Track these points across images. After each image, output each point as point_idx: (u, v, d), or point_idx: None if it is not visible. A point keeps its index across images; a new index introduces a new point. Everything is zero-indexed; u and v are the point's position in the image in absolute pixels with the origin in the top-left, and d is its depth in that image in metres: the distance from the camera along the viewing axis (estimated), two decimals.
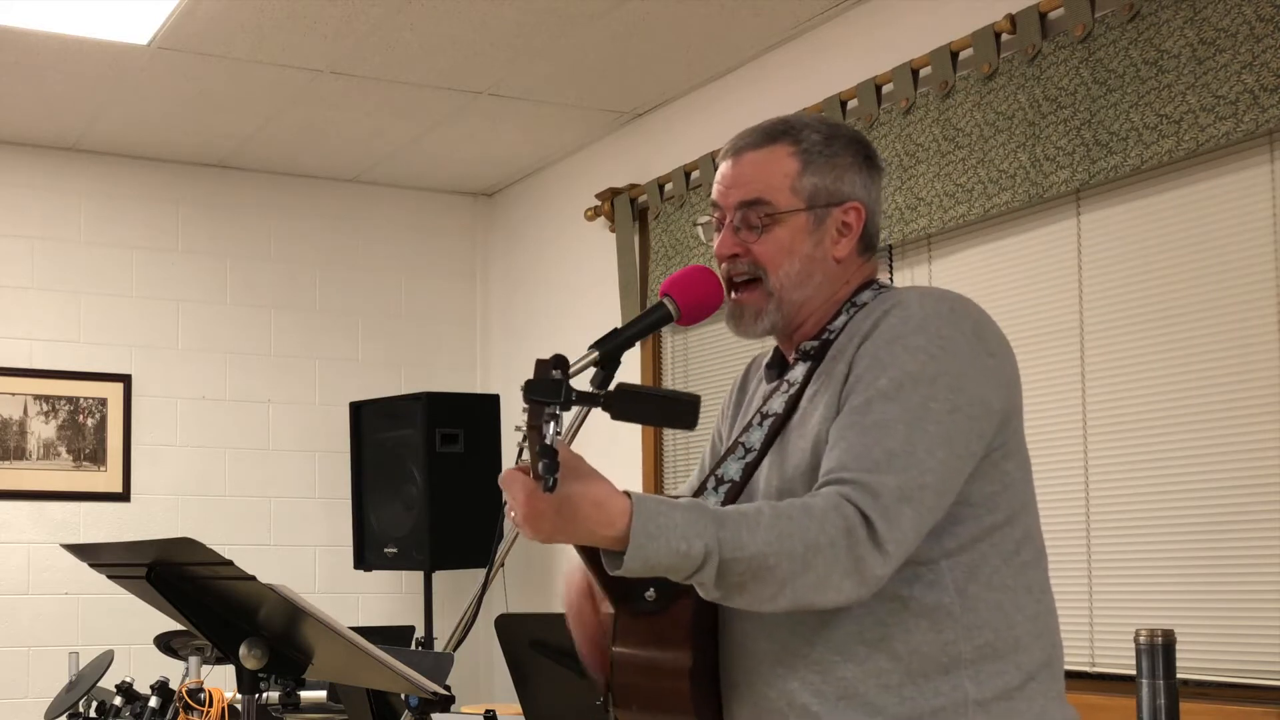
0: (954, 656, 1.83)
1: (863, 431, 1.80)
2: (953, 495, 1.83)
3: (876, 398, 1.82)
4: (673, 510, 1.70)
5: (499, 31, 4.66)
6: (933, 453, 1.79)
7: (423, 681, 2.38)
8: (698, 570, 1.70)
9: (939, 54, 4.03)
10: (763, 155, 1.99)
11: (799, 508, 1.74)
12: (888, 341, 1.85)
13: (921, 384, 1.81)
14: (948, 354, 1.84)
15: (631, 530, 1.68)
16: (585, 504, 1.69)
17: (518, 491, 1.70)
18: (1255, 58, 3.24)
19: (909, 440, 1.78)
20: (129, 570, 2.48)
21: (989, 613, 1.85)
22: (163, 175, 6.09)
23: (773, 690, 1.88)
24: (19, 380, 5.80)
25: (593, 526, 1.69)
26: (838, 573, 1.72)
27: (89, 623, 5.70)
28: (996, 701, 1.84)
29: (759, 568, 1.70)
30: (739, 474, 1.96)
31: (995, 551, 1.87)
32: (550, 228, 6.16)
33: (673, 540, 1.68)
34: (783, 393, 1.98)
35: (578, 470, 1.70)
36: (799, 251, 1.97)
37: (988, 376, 1.86)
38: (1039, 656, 1.90)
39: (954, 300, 1.91)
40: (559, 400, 1.64)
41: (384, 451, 5.87)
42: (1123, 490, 3.61)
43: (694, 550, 1.69)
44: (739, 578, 1.71)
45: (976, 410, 1.84)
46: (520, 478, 1.70)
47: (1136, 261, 3.60)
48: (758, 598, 1.74)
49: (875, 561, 1.74)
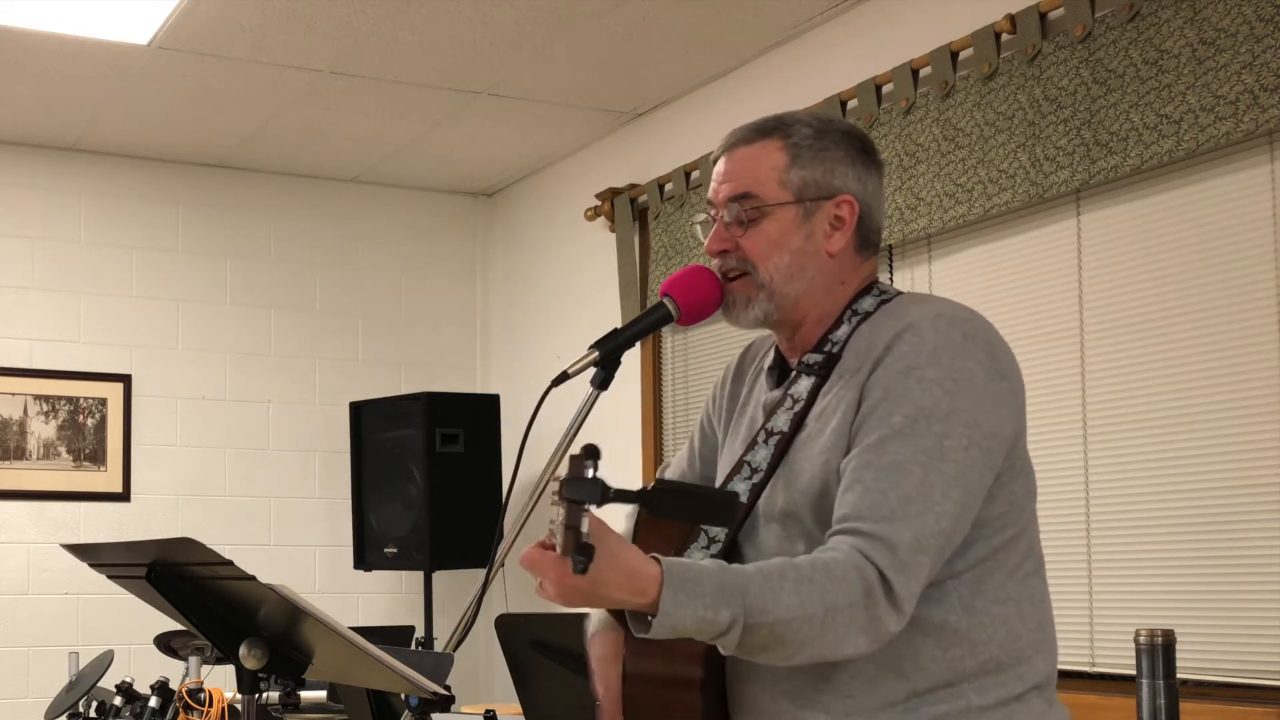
0: (959, 672, 1.84)
1: (877, 473, 1.79)
2: (965, 531, 1.83)
3: (891, 436, 1.80)
4: (701, 576, 1.71)
5: (499, 31, 4.66)
6: (948, 495, 1.78)
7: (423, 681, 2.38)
8: (722, 635, 1.72)
9: (939, 54, 4.03)
10: (753, 150, 1.98)
11: (821, 569, 1.74)
12: (901, 374, 1.83)
13: (935, 420, 1.80)
14: (961, 387, 1.82)
15: (661, 600, 1.68)
16: (617, 576, 1.69)
17: (548, 572, 1.69)
18: (1255, 58, 3.24)
19: (924, 483, 1.78)
20: (129, 570, 2.47)
21: (994, 628, 1.86)
22: (163, 175, 6.09)
23: (779, 707, 1.89)
24: (19, 380, 5.80)
25: (624, 595, 1.70)
26: (854, 630, 1.74)
27: (89, 623, 5.70)
28: (996, 708, 1.85)
29: (782, 632, 1.72)
30: (746, 494, 1.95)
31: (1000, 567, 1.88)
32: (550, 228, 6.16)
33: (701, 609, 1.69)
34: (787, 409, 1.96)
35: (605, 540, 1.68)
36: (788, 245, 1.95)
37: (1000, 404, 1.85)
38: (1041, 667, 1.90)
39: (965, 325, 1.87)
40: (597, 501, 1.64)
41: (384, 451, 5.87)
42: (1123, 490, 3.61)
43: (720, 619, 1.70)
44: (761, 641, 1.73)
45: (991, 443, 1.83)
46: (549, 558, 1.68)
47: (1136, 261, 3.60)
48: (776, 657, 1.76)
49: (890, 619, 1.75)
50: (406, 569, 5.96)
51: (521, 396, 6.09)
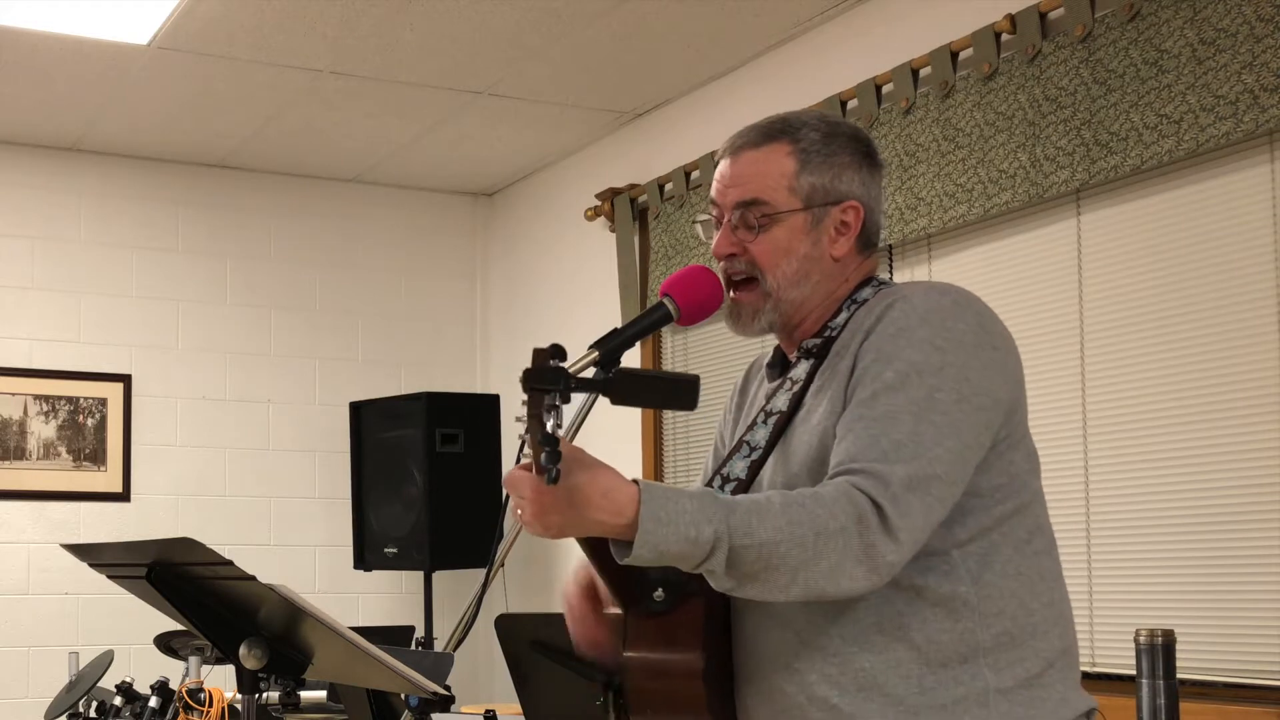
0: (972, 645, 1.84)
1: (870, 423, 1.80)
2: (962, 485, 1.83)
3: (883, 390, 1.82)
4: (681, 497, 1.70)
5: (499, 31, 4.66)
6: (940, 442, 1.79)
7: (423, 681, 2.38)
8: (707, 557, 1.70)
9: (939, 54, 4.03)
10: (761, 154, 1.99)
11: (809, 495, 1.74)
12: (892, 335, 1.86)
13: (927, 375, 1.82)
14: (952, 345, 1.84)
15: (640, 517, 1.67)
16: (593, 493, 1.68)
17: (524, 488, 1.69)
18: (1255, 58, 3.24)
19: (916, 431, 1.79)
20: (129, 570, 2.47)
21: (1005, 600, 1.86)
22: (163, 175, 6.09)
23: (790, 685, 1.88)
24: (19, 380, 5.81)
25: (601, 516, 1.69)
26: (850, 560, 1.72)
27: (89, 623, 5.70)
28: (1018, 690, 1.85)
29: (770, 555, 1.70)
30: (744, 472, 1.96)
31: (1007, 541, 1.88)
32: (550, 228, 6.16)
33: (682, 526, 1.68)
34: (786, 390, 1.98)
35: (582, 460, 1.69)
36: (796, 251, 1.97)
37: (992, 368, 1.87)
38: (1057, 644, 1.90)
39: (957, 293, 1.92)
40: (559, 388, 1.63)
41: (384, 451, 5.87)
42: (1123, 490, 3.61)
43: (703, 536, 1.68)
44: (750, 565, 1.71)
45: (983, 400, 1.84)
46: (525, 475, 1.69)
47: (1136, 261, 3.60)
48: (770, 586, 1.73)
49: (887, 548, 1.73)
50: (406, 569, 5.96)
51: (521, 396, 6.08)
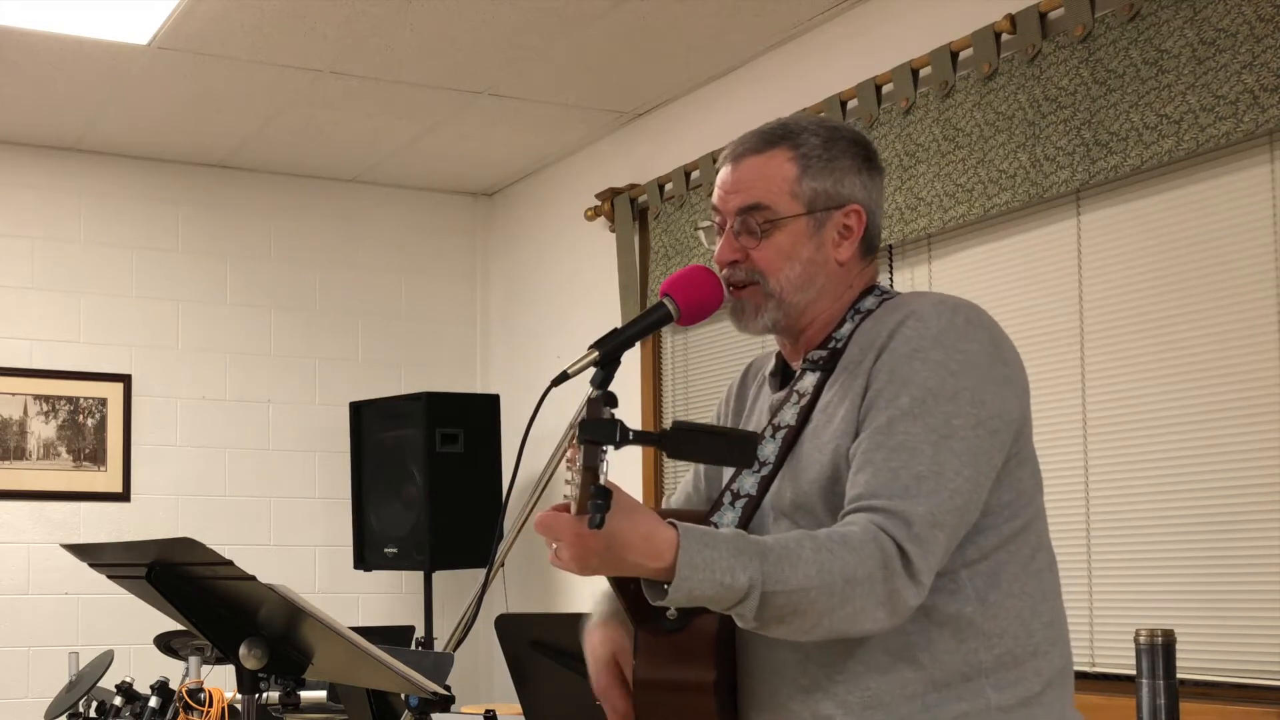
0: (975, 665, 1.84)
1: (889, 454, 1.80)
2: (978, 511, 1.84)
3: (899, 416, 1.82)
4: (717, 541, 1.71)
5: (499, 31, 4.66)
6: (960, 472, 1.79)
7: (423, 681, 2.38)
8: (740, 602, 1.71)
9: (939, 54, 4.03)
10: (762, 160, 1.99)
11: (838, 540, 1.74)
12: (906, 356, 1.85)
13: (943, 400, 1.82)
14: (967, 368, 1.84)
15: (678, 563, 1.68)
16: (634, 538, 1.69)
17: (564, 532, 1.69)
18: (1255, 58, 3.24)
19: (936, 461, 1.79)
20: (129, 570, 2.48)
21: (1009, 621, 1.86)
22: (163, 175, 6.09)
23: (795, 702, 1.89)
24: (19, 380, 5.81)
25: (640, 559, 1.70)
26: (873, 603, 1.74)
27: (89, 623, 5.70)
28: (1018, 708, 1.85)
29: (799, 601, 1.71)
30: (754, 488, 1.96)
31: (1013, 559, 1.88)
32: (550, 228, 6.16)
33: (717, 573, 1.69)
34: (793, 404, 1.97)
35: (621, 504, 1.69)
36: (799, 256, 1.97)
37: (1004, 387, 1.87)
38: (1057, 663, 1.91)
39: (967, 310, 1.90)
40: (615, 441, 1.63)
41: (384, 451, 5.87)
42: (1123, 490, 3.61)
43: (738, 583, 1.69)
44: (779, 610, 1.72)
45: (997, 424, 1.84)
46: (565, 519, 1.69)
47: (1136, 261, 3.60)
48: (795, 629, 1.75)
49: (910, 593, 1.75)
50: (406, 569, 5.96)
51: (521, 396, 6.09)
